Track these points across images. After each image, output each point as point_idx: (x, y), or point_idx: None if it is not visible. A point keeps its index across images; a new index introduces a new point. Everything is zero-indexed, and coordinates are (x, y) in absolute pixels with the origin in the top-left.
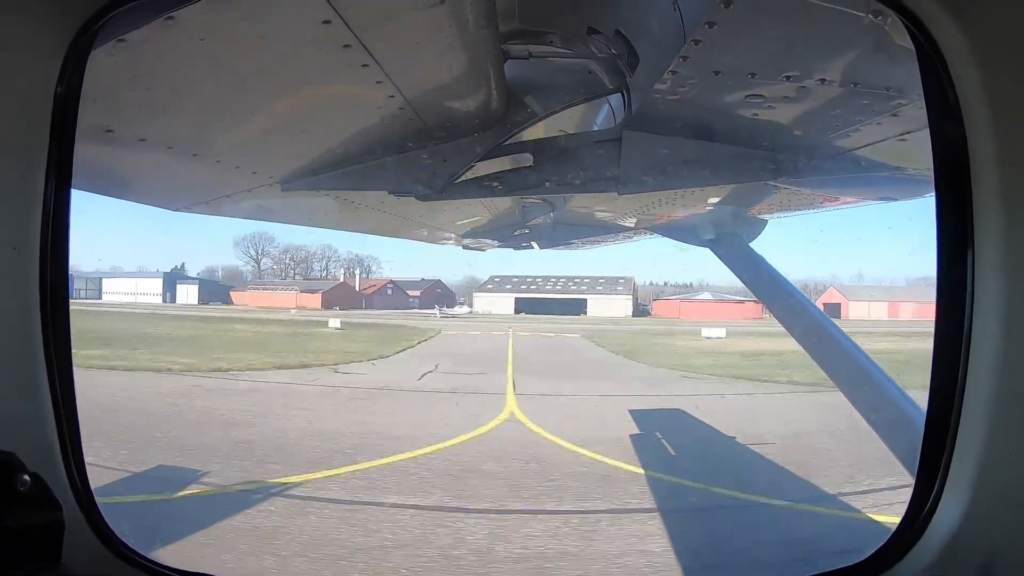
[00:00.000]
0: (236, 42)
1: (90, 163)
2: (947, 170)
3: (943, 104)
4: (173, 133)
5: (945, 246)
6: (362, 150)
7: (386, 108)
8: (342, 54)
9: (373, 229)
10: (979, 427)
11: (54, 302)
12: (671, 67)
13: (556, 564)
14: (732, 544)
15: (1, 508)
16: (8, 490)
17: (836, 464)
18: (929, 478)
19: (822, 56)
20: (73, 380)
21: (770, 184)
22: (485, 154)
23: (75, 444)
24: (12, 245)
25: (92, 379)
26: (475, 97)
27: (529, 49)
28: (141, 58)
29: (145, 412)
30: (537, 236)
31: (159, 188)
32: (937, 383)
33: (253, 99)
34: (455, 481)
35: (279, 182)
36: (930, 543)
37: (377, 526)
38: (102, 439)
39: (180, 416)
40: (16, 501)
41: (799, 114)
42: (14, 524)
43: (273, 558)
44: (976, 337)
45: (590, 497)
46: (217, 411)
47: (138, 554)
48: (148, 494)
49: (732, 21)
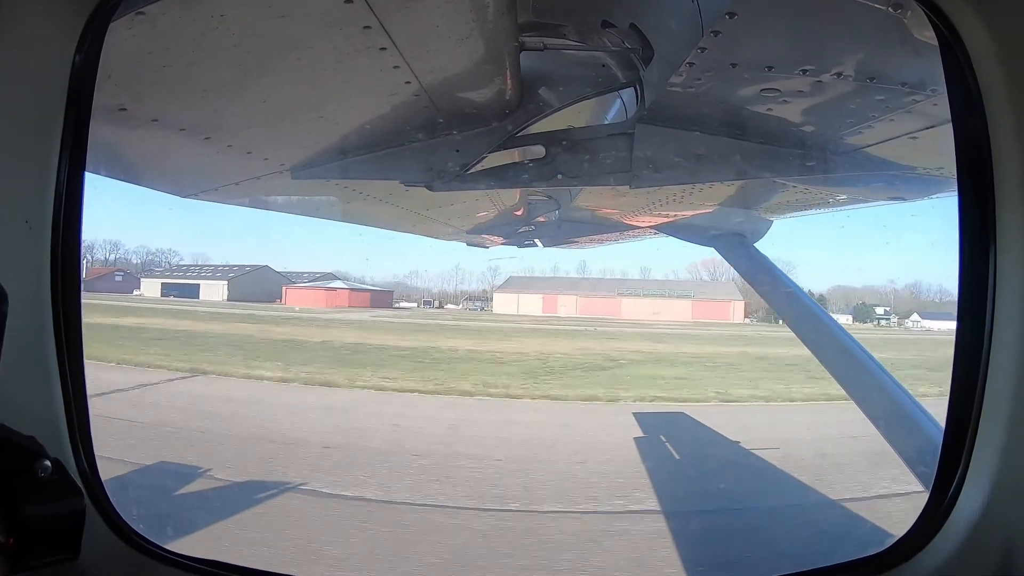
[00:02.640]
0: (256, 20)
1: (100, 143)
2: (969, 164)
3: (965, 98)
4: (187, 114)
5: (967, 240)
6: (374, 138)
7: (401, 95)
8: (361, 36)
9: (379, 223)
10: (1000, 419)
11: (66, 280)
12: (689, 59)
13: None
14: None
15: (22, 493)
16: (28, 476)
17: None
18: (950, 469)
19: (840, 49)
20: (83, 364)
21: (778, 182)
22: (497, 145)
23: (84, 429)
24: (25, 219)
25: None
26: (490, 87)
27: (544, 41)
28: (159, 33)
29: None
30: (541, 233)
31: (169, 172)
32: (959, 375)
33: (269, 81)
34: None
35: (290, 169)
36: (951, 533)
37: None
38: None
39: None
40: (36, 487)
41: (813, 109)
42: (35, 511)
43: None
44: (998, 331)
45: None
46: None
47: (150, 542)
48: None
49: (753, 12)
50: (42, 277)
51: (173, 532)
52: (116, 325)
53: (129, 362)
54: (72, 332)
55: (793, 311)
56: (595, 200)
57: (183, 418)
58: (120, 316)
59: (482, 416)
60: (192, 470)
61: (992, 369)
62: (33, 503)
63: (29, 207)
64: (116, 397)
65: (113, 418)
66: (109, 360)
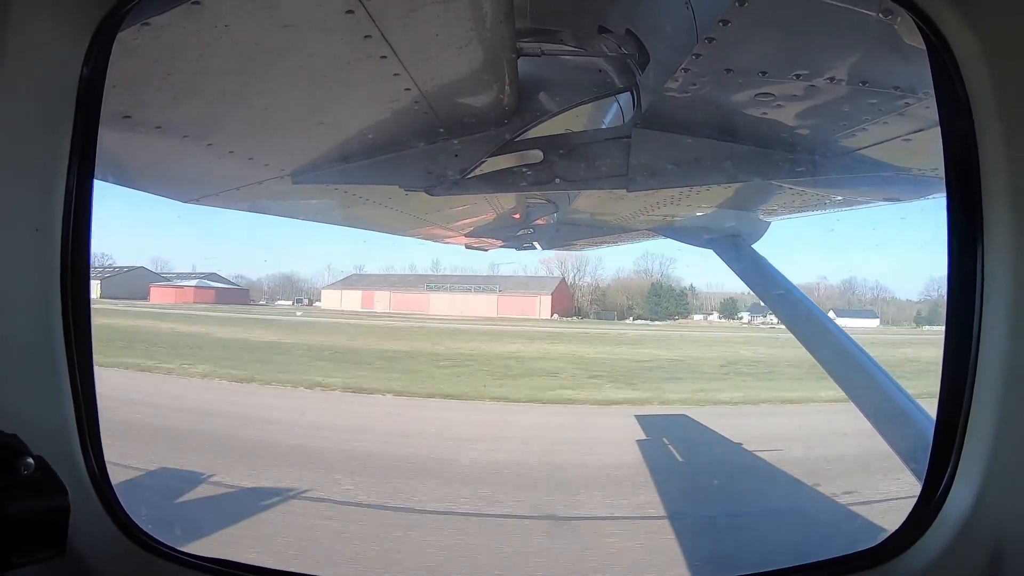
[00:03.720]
0: (260, 30)
1: (105, 150)
2: (957, 168)
3: (953, 102)
4: (190, 121)
5: (955, 242)
6: (374, 144)
7: (401, 101)
8: (362, 45)
9: (379, 226)
10: (990, 414)
11: (75, 285)
12: (684, 65)
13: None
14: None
15: (3, 492)
16: (10, 473)
17: None
18: (941, 464)
19: (832, 54)
20: (92, 365)
21: (775, 184)
22: (495, 150)
23: (92, 428)
24: (35, 226)
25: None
26: (488, 93)
27: (542, 47)
28: (164, 43)
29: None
30: (540, 236)
31: (172, 178)
32: (949, 371)
33: (271, 88)
34: None
35: (290, 175)
36: (942, 527)
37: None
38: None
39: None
40: (18, 485)
41: (807, 113)
42: (17, 509)
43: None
44: (986, 327)
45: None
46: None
47: (155, 540)
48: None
49: (747, 19)
50: (51, 284)
51: None
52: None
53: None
54: (81, 337)
55: (790, 312)
56: (593, 203)
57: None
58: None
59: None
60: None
61: (981, 367)
62: (15, 501)
63: (39, 214)
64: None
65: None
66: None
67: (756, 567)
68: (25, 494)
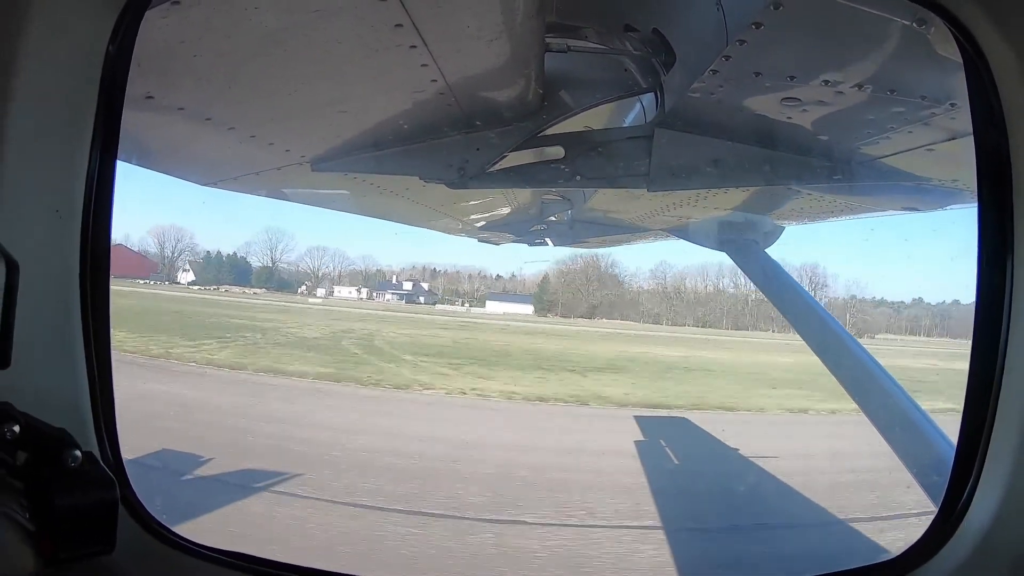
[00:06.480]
0: (288, 14)
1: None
2: (990, 178)
3: (987, 114)
4: (213, 103)
5: (986, 252)
6: (396, 134)
7: (426, 92)
8: (392, 34)
9: (394, 217)
10: (1013, 428)
11: (95, 270)
12: (712, 66)
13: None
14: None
15: (53, 483)
16: (59, 466)
17: None
18: (963, 476)
19: (862, 61)
20: (111, 356)
21: (793, 189)
22: (517, 145)
23: (111, 422)
24: (55, 208)
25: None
26: (514, 87)
27: (568, 43)
28: (192, 23)
29: None
30: (552, 233)
31: (191, 160)
32: (974, 384)
33: (296, 74)
34: None
35: (310, 161)
36: (962, 540)
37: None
38: None
39: None
40: (67, 476)
41: (832, 119)
42: (65, 501)
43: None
44: (1013, 340)
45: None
46: None
47: (177, 536)
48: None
49: (779, 23)
50: (71, 267)
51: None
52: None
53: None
54: (100, 322)
55: (806, 320)
56: (608, 202)
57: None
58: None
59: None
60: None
61: (1007, 380)
62: (64, 493)
63: (60, 197)
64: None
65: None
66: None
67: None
68: (73, 487)
